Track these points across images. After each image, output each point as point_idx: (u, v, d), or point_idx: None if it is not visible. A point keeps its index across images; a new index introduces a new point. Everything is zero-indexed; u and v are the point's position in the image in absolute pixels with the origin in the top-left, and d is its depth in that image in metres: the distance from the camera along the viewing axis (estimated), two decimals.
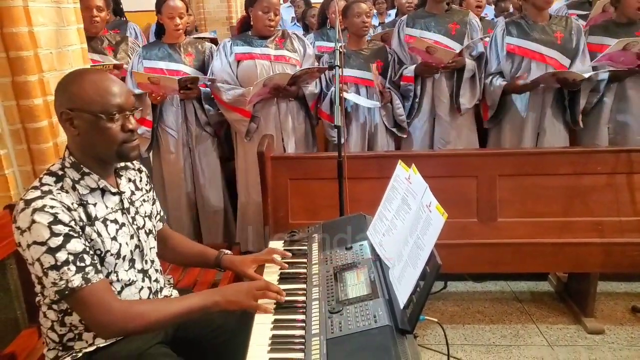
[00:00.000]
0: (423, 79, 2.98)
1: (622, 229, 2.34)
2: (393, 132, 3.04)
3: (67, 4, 2.01)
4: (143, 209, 1.52)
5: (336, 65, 2.11)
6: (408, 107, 3.03)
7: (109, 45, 3.15)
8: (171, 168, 3.05)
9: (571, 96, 2.88)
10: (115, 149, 1.34)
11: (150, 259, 1.51)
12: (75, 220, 1.27)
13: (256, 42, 2.87)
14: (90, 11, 3.00)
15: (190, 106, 2.98)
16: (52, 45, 1.90)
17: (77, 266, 1.25)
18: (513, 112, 2.95)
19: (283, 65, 2.86)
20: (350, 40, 3.06)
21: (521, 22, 2.90)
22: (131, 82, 2.91)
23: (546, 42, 2.83)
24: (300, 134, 3.00)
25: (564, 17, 2.97)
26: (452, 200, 2.37)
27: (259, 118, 2.90)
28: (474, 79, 2.96)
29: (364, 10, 2.91)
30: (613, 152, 2.43)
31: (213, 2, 7.86)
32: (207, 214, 3.15)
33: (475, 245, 2.39)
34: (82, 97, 1.29)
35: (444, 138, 3.03)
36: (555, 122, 2.91)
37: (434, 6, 3.03)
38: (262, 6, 2.78)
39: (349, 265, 1.52)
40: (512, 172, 2.43)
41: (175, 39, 2.97)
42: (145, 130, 2.94)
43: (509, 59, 2.91)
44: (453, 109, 2.99)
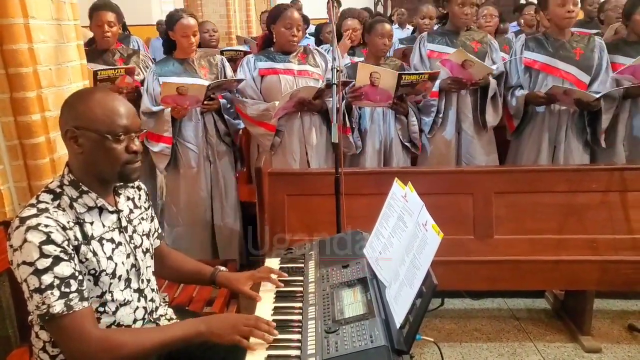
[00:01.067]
0: (448, 94, 3.02)
1: (616, 246, 2.34)
2: (407, 147, 3.08)
3: (68, 21, 2.03)
4: (141, 228, 1.52)
5: (334, 83, 2.12)
6: (430, 122, 3.06)
7: (121, 57, 3.21)
8: (191, 183, 3.05)
9: (591, 116, 2.91)
10: (117, 170, 1.35)
11: (146, 278, 1.50)
12: (69, 239, 1.27)
13: (279, 58, 2.92)
14: (102, 27, 3.10)
15: (210, 118, 3.01)
16: (52, 61, 1.91)
17: (62, 292, 1.23)
18: (532, 127, 2.99)
19: (306, 79, 2.90)
20: (368, 57, 3.13)
21: (541, 38, 2.96)
22: (148, 99, 2.92)
23: (564, 57, 2.87)
24: (323, 147, 3.02)
25: (586, 36, 3.02)
26: (449, 217, 2.38)
27: (283, 132, 2.93)
28: (496, 97, 3.01)
29: (387, 31, 2.97)
30: (607, 170, 2.44)
31: (212, 17, 7.91)
32: (224, 231, 3.14)
33: (472, 263, 2.39)
34: (89, 116, 1.30)
35: (470, 153, 3.07)
36: (573, 141, 2.94)
37: (455, 27, 3.09)
38: (285, 22, 2.84)
39: (346, 283, 1.52)
40: (508, 190, 2.44)
41: (188, 54, 3.00)
42: (164, 147, 2.94)
43: (526, 73, 2.97)
44: (477, 125, 3.04)
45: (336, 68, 2.14)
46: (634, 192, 2.40)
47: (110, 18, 3.10)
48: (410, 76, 2.76)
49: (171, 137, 2.93)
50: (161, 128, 2.91)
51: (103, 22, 3.08)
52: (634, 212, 2.39)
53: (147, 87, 2.96)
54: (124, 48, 3.33)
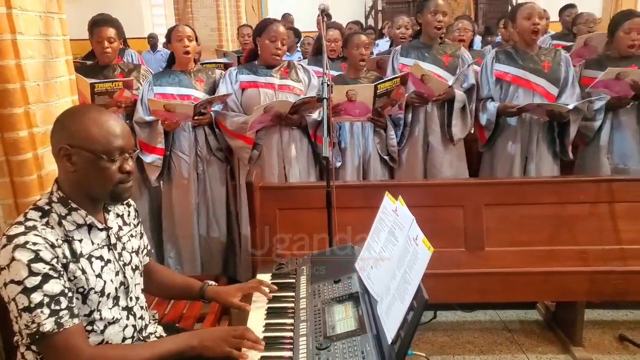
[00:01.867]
0: (415, 108, 3.04)
1: (605, 257, 2.36)
2: (386, 160, 3.08)
3: (57, 37, 2.02)
4: (130, 245, 1.51)
5: (324, 97, 2.13)
6: (399, 134, 3.07)
7: (121, 72, 3.20)
8: (182, 194, 3.05)
9: (561, 127, 2.95)
10: (110, 189, 1.35)
11: (135, 295, 1.49)
12: (58, 257, 1.26)
13: (261, 71, 2.93)
14: (102, 43, 3.08)
15: (201, 131, 3.02)
16: (40, 77, 1.90)
17: (52, 309, 1.22)
18: (504, 138, 3.02)
19: (287, 94, 2.91)
20: (349, 69, 3.15)
21: (511, 51, 3.00)
22: (142, 109, 2.94)
23: (534, 70, 2.92)
24: (303, 162, 3.02)
25: (552, 49, 3.07)
26: (440, 229, 2.39)
27: (260, 145, 2.93)
28: (465, 110, 3.03)
29: (362, 42, 3.00)
30: (595, 182, 2.47)
31: (204, 30, 7.97)
32: (210, 243, 3.13)
33: (463, 275, 2.39)
34: (85, 136, 1.30)
35: (437, 167, 3.07)
36: (543, 152, 2.97)
37: (428, 39, 3.11)
38: (269, 35, 2.85)
39: (337, 299, 1.51)
40: (498, 202, 2.45)
41: (185, 65, 3.02)
42: (156, 158, 2.95)
43: (497, 85, 3.00)
44: (445, 138, 3.05)
45: (327, 82, 2.16)
46: (621, 203, 2.43)
47: (111, 34, 3.08)
48: (384, 84, 2.78)
49: (164, 148, 2.94)
50: (154, 139, 2.92)
51: (103, 38, 3.06)
52: (622, 222, 2.41)
53: (142, 96, 2.98)
54: (125, 63, 3.33)
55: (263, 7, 11.57)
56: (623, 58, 3.01)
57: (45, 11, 1.93)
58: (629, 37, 2.93)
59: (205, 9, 7.79)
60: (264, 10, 11.59)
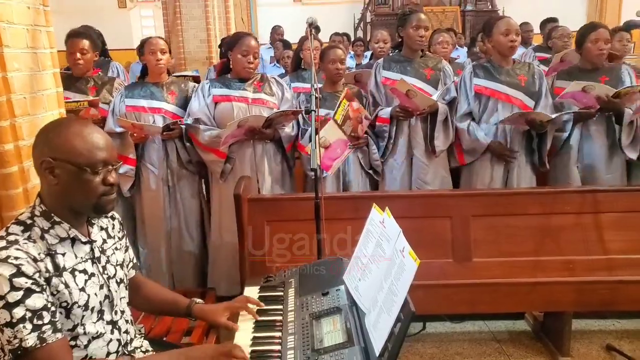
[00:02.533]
0: (399, 121, 3.05)
1: (591, 267, 2.38)
2: (369, 173, 3.09)
3: (44, 50, 2.02)
4: (115, 258, 1.49)
5: (312, 110, 2.14)
6: (382, 147, 3.09)
7: (94, 85, 3.19)
8: (151, 206, 3.03)
9: (539, 138, 2.98)
10: (93, 202, 1.34)
11: (120, 309, 1.47)
12: (40, 271, 1.24)
13: (234, 85, 2.92)
14: (74, 55, 3.10)
15: (172, 144, 3.00)
16: (26, 90, 1.89)
17: (34, 324, 1.20)
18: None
19: (260, 108, 2.90)
20: (326, 83, 3.15)
21: (487, 65, 3.03)
22: (112, 120, 2.94)
23: (511, 84, 2.95)
24: (277, 175, 3.02)
25: (526, 63, 3.14)
26: (428, 240, 2.40)
27: (234, 159, 2.92)
28: (447, 122, 3.04)
29: (338, 57, 3.01)
30: (579, 192, 2.50)
31: (193, 42, 7.97)
32: (182, 255, 3.11)
33: (451, 286, 2.40)
34: (68, 148, 1.29)
35: (421, 179, 3.08)
36: (522, 163, 3.01)
37: (409, 52, 3.14)
38: (241, 50, 2.85)
39: (325, 311, 1.51)
40: (485, 213, 2.47)
41: (158, 76, 3.01)
42: (128, 169, 2.94)
43: (476, 100, 3.02)
44: (429, 150, 3.06)
45: (314, 95, 2.17)
46: (606, 214, 2.46)
47: (84, 45, 3.10)
48: (338, 112, 2.77)
49: (135, 159, 2.93)
50: (126, 149, 2.92)
51: (75, 49, 3.08)
52: (607, 233, 2.44)
53: (114, 108, 2.97)
54: (99, 76, 3.31)
55: (253, 19, 11.63)
56: (593, 70, 3.07)
57: (33, 24, 1.93)
58: (597, 47, 3.00)
59: (195, 20, 7.79)
60: (254, 22, 11.65)
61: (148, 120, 2.93)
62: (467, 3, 10.91)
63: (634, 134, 2.99)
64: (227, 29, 8.45)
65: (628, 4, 10.50)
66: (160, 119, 2.95)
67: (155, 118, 2.95)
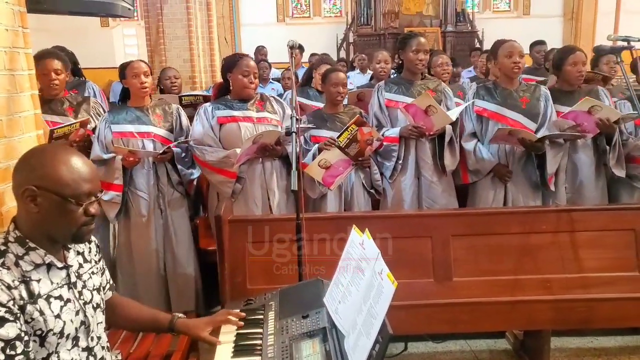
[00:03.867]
0: (407, 140, 3.10)
1: (568, 285, 2.41)
2: (371, 192, 3.13)
3: (22, 71, 2.01)
4: (91, 282, 1.48)
5: (292, 131, 2.17)
6: (391, 167, 3.12)
7: (70, 106, 3.15)
8: (141, 232, 3.00)
9: (539, 159, 3.04)
10: (73, 232, 1.34)
11: (96, 335, 1.46)
12: (14, 299, 1.23)
13: (237, 106, 2.94)
14: (48, 75, 3.02)
15: (162, 167, 2.99)
16: (3, 112, 1.88)
17: (7, 354, 1.18)
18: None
19: (266, 126, 2.93)
20: (327, 105, 3.21)
21: (491, 87, 3.12)
22: (99, 147, 2.91)
23: (511, 105, 3.03)
24: (284, 192, 3.02)
25: (532, 85, 3.20)
26: (409, 260, 2.41)
27: (244, 179, 2.92)
28: (452, 142, 3.10)
29: (340, 80, 3.06)
30: (555, 212, 2.55)
31: (176, 61, 7.98)
32: (177, 279, 3.07)
33: (432, 306, 2.41)
34: (55, 179, 1.29)
35: (431, 197, 3.13)
36: (523, 182, 3.08)
37: (410, 74, 3.20)
38: (241, 70, 2.88)
39: (305, 334, 1.51)
40: (465, 232, 2.49)
41: (142, 101, 3.00)
42: (114, 195, 2.90)
43: (478, 121, 3.10)
44: (437, 170, 3.12)
45: (295, 116, 2.20)
46: (581, 232, 2.49)
47: (57, 66, 3.04)
48: (342, 135, 2.85)
49: (122, 185, 2.90)
50: (111, 176, 2.88)
51: (49, 70, 3.01)
52: (582, 251, 2.47)
53: (99, 134, 2.95)
54: (73, 96, 3.26)
55: (236, 39, 11.70)
56: (571, 92, 3.16)
57: (11, 46, 1.92)
58: (576, 70, 3.09)
59: (178, 40, 7.81)
60: (238, 42, 11.72)
61: (137, 145, 2.92)
62: (447, 24, 11.18)
63: (618, 153, 3.07)
64: (211, 48, 8.49)
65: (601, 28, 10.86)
66: (150, 143, 2.95)
67: (145, 143, 2.95)
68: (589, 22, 11.77)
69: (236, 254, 2.43)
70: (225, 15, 11.00)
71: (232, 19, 11.57)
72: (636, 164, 3.12)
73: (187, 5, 7.72)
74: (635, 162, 3.12)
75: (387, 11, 10.71)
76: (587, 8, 11.82)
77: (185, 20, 7.78)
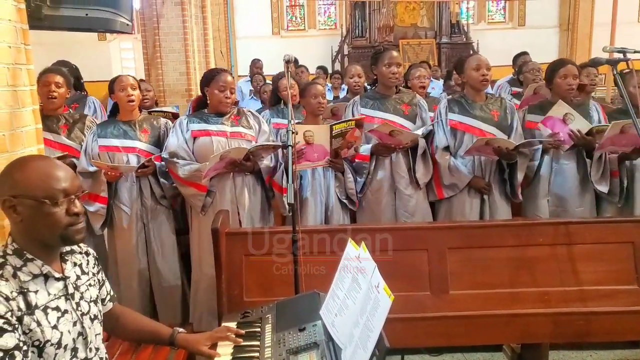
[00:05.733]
0: (379, 156, 3.11)
1: (566, 298, 2.41)
2: (345, 204, 3.12)
3: (24, 87, 2.02)
4: (89, 294, 1.49)
5: (289, 145, 2.18)
6: (361, 182, 3.13)
7: (65, 124, 3.16)
8: (124, 244, 3.01)
9: (510, 168, 3.07)
10: (59, 233, 1.34)
11: (95, 346, 1.46)
12: (12, 310, 1.24)
13: (212, 120, 2.95)
14: (48, 86, 3.06)
15: (146, 181, 3.01)
16: (6, 127, 1.89)
17: None
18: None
19: (239, 141, 2.93)
20: (307, 118, 3.22)
21: (461, 101, 3.14)
22: (85, 160, 2.93)
23: (484, 119, 3.06)
24: (257, 207, 3.03)
25: (498, 98, 3.25)
26: (406, 273, 2.42)
27: (214, 192, 2.93)
28: (426, 155, 3.12)
29: (320, 92, 3.08)
30: (552, 225, 2.55)
31: (172, 74, 8.03)
32: (162, 291, 3.08)
33: (429, 319, 2.40)
34: (25, 184, 1.30)
35: (407, 210, 3.14)
36: (496, 193, 3.09)
37: (384, 89, 3.22)
38: (218, 85, 2.89)
39: (302, 347, 1.51)
40: (461, 245, 2.50)
41: (130, 114, 3.02)
42: (100, 207, 2.92)
43: (452, 134, 3.11)
44: (413, 183, 3.13)
45: (291, 130, 2.21)
46: (579, 245, 2.49)
47: (58, 79, 3.09)
48: (340, 125, 2.86)
49: (107, 197, 2.93)
50: (98, 188, 2.91)
51: (50, 82, 3.06)
52: (580, 264, 2.47)
53: (86, 147, 2.97)
54: (70, 113, 3.28)
55: (232, 52, 11.79)
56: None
57: (14, 63, 1.95)
58: (566, 83, 3.13)
59: (174, 53, 7.87)
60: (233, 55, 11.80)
61: (122, 159, 2.94)
62: (442, 36, 11.29)
63: (603, 169, 3.09)
64: (207, 61, 8.55)
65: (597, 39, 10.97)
66: (134, 158, 2.97)
67: (130, 157, 2.96)
68: (585, 33, 11.89)
69: (233, 267, 2.43)
70: (220, 29, 11.09)
71: (228, 32, 11.67)
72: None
73: (183, 19, 7.79)
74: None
75: (382, 25, 10.83)
76: (583, 19, 11.95)
77: (182, 33, 7.85)
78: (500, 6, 12.98)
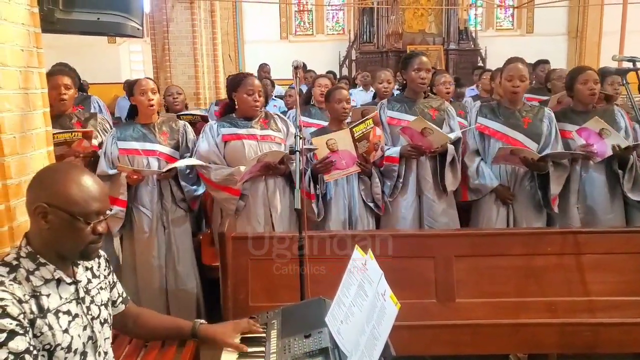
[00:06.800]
0: (408, 159, 3.12)
1: (574, 309, 2.39)
2: (371, 208, 3.12)
3: (35, 90, 2.04)
4: (99, 298, 1.50)
5: (297, 150, 2.19)
6: (391, 186, 3.14)
7: (78, 121, 3.18)
8: (143, 248, 3.03)
9: (541, 179, 3.06)
10: (81, 249, 1.36)
11: (104, 350, 1.47)
12: (25, 313, 1.25)
13: (241, 124, 2.98)
14: (58, 89, 3.07)
15: (166, 183, 3.03)
16: (17, 129, 1.91)
17: None
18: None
19: (269, 144, 2.96)
20: (331, 122, 3.23)
21: (494, 106, 3.16)
22: (105, 163, 2.95)
23: (512, 125, 3.07)
24: (287, 210, 3.04)
25: (536, 106, 3.23)
26: (412, 280, 2.41)
27: (247, 196, 2.95)
28: (454, 163, 3.12)
29: (344, 97, 3.10)
30: (560, 234, 2.54)
31: (181, 78, 8.08)
32: (178, 294, 3.09)
33: (435, 327, 2.40)
34: (65, 197, 1.32)
35: (432, 216, 3.14)
36: (525, 203, 3.09)
37: (412, 93, 3.24)
38: (246, 89, 2.92)
39: (308, 354, 1.51)
40: (468, 253, 2.49)
41: (149, 118, 3.04)
42: (119, 210, 2.93)
43: (480, 138, 3.13)
44: (438, 189, 3.14)
45: (299, 135, 2.22)
46: (588, 255, 2.47)
47: (67, 81, 3.10)
48: (359, 127, 2.87)
49: (126, 200, 2.94)
50: (116, 191, 2.92)
51: (59, 84, 3.07)
52: (589, 274, 2.45)
53: (105, 149, 2.99)
54: (81, 112, 3.32)
55: (240, 56, 11.84)
56: (586, 111, 3.17)
57: (26, 66, 1.97)
58: (587, 88, 3.11)
59: (183, 57, 7.92)
60: (241, 59, 11.85)
61: (142, 162, 2.96)
62: (450, 42, 11.26)
63: (635, 177, 3.07)
64: (215, 65, 8.60)
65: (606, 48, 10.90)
66: (154, 161, 2.98)
67: (150, 160, 2.98)
68: (593, 41, 11.81)
69: (239, 271, 2.43)
70: (229, 33, 11.15)
71: (236, 36, 11.73)
72: None
73: (192, 23, 7.85)
74: None
75: (391, 32, 10.82)
76: (592, 27, 11.87)
77: (191, 37, 7.91)
78: (508, 13, 12.94)
